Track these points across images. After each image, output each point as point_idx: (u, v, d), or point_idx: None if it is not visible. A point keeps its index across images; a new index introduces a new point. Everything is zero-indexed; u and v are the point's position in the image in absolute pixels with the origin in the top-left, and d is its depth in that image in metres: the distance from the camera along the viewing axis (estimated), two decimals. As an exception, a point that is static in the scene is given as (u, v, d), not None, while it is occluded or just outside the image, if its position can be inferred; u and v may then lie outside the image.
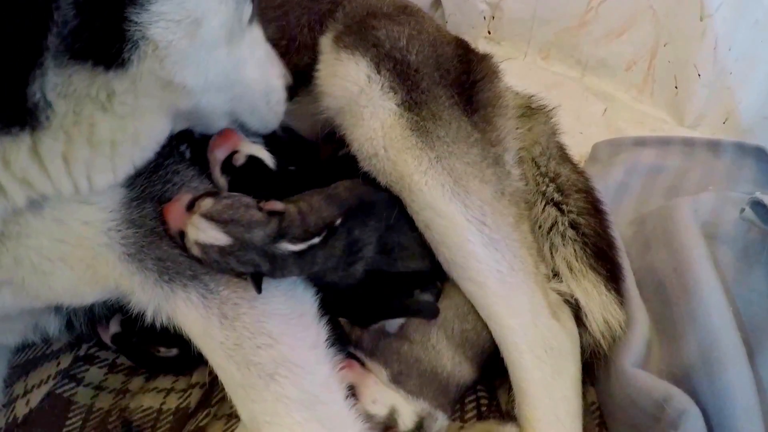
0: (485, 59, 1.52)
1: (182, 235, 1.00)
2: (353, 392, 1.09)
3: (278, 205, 1.04)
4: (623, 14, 2.09)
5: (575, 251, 1.32)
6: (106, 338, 1.28)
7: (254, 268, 1.00)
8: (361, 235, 1.15)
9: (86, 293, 1.06)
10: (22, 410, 1.26)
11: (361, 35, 1.34)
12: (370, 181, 1.27)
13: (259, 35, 1.16)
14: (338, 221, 1.08)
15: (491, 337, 1.21)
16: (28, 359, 1.34)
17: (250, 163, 1.17)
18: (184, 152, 1.19)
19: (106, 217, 1.00)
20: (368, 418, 1.07)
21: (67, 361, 1.34)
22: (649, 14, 2.03)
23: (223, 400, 1.23)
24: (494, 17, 2.40)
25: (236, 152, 1.18)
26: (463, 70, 1.41)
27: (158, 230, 1.03)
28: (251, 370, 1.00)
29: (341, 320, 1.19)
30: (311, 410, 0.99)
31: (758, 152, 1.70)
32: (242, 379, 1.00)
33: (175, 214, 1.01)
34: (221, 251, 0.98)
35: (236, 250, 0.98)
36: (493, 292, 1.19)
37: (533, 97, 1.60)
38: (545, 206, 1.39)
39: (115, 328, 1.26)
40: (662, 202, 1.57)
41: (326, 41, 1.40)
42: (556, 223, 1.37)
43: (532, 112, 1.56)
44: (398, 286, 1.25)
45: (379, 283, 1.21)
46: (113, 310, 1.31)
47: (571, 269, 1.30)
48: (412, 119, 1.25)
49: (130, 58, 0.83)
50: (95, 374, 1.33)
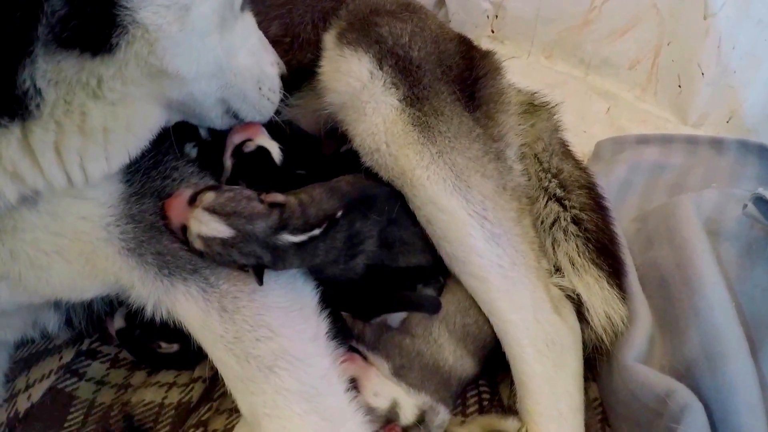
0: (488, 56, 1.54)
1: (184, 229, 1.02)
2: (355, 385, 1.10)
3: (279, 196, 1.07)
4: (627, 13, 2.11)
5: (577, 246, 1.34)
6: (111, 330, 1.30)
7: (256, 260, 1.02)
8: (362, 228, 1.17)
9: (85, 288, 1.07)
10: (23, 405, 1.28)
11: (364, 32, 1.36)
12: (372, 176, 1.29)
13: (251, 22, 1.17)
14: (339, 213, 1.10)
15: (493, 331, 1.23)
16: (30, 353, 1.37)
17: (258, 152, 1.21)
18: (189, 152, 1.22)
19: (104, 212, 1.02)
20: (370, 410, 1.08)
21: (69, 355, 1.36)
22: (652, 13, 2.05)
23: (225, 394, 1.23)
24: (497, 16, 2.42)
25: (250, 140, 1.22)
26: (465, 66, 1.43)
27: (158, 225, 1.05)
28: (251, 362, 1.01)
29: (343, 314, 1.21)
30: (311, 402, 1.01)
31: (761, 150, 1.71)
32: (242, 371, 1.01)
33: (176, 208, 1.04)
34: (224, 243, 1.00)
35: (239, 242, 1.00)
36: (494, 287, 1.20)
37: (536, 94, 1.63)
38: (547, 202, 1.41)
39: (119, 323, 1.29)
40: (665, 199, 1.58)
41: (329, 38, 1.42)
42: (558, 218, 1.38)
43: (534, 108, 1.58)
44: (400, 280, 1.27)
45: (380, 277, 1.23)
46: (113, 306, 1.33)
47: (573, 264, 1.32)
48: (414, 115, 1.27)
49: (118, 43, 0.85)
50: (97, 369, 1.35)
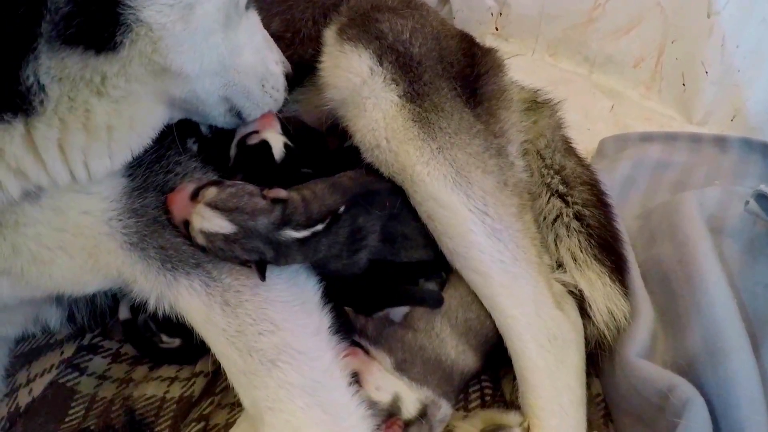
0: (490, 53, 1.57)
1: (186, 224, 1.04)
2: (357, 379, 1.12)
3: (282, 192, 1.09)
4: (631, 11, 2.14)
5: (579, 242, 1.36)
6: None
7: (259, 255, 1.04)
8: (365, 223, 1.19)
9: (88, 282, 1.10)
10: (24, 399, 1.30)
11: (364, 28, 1.38)
12: (373, 172, 1.31)
13: (256, 21, 1.20)
14: (342, 209, 1.12)
15: (495, 326, 1.25)
16: (31, 348, 1.39)
17: (259, 147, 1.24)
18: (191, 147, 1.25)
19: (106, 206, 1.05)
20: (372, 404, 1.10)
21: (70, 350, 1.39)
22: (656, 11, 2.08)
23: (227, 389, 1.26)
24: (501, 14, 2.45)
25: (256, 132, 1.25)
26: (467, 63, 1.46)
27: (161, 219, 1.07)
28: (253, 356, 1.03)
29: (346, 309, 1.22)
30: (313, 396, 1.02)
31: (764, 148, 1.75)
32: (244, 365, 1.03)
33: (179, 203, 1.06)
34: (226, 239, 1.02)
35: (241, 238, 1.02)
36: (496, 282, 1.22)
37: (539, 91, 1.66)
38: (550, 198, 1.44)
39: (124, 314, 1.31)
40: (668, 197, 1.60)
41: (330, 33, 1.44)
42: (560, 214, 1.41)
43: (537, 105, 1.61)
44: (402, 275, 1.30)
45: (383, 272, 1.25)
46: (116, 302, 1.36)
47: (575, 260, 1.34)
48: (414, 110, 1.29)
49: (122, 41, 0.88)
50: (99, 364, 1.38)
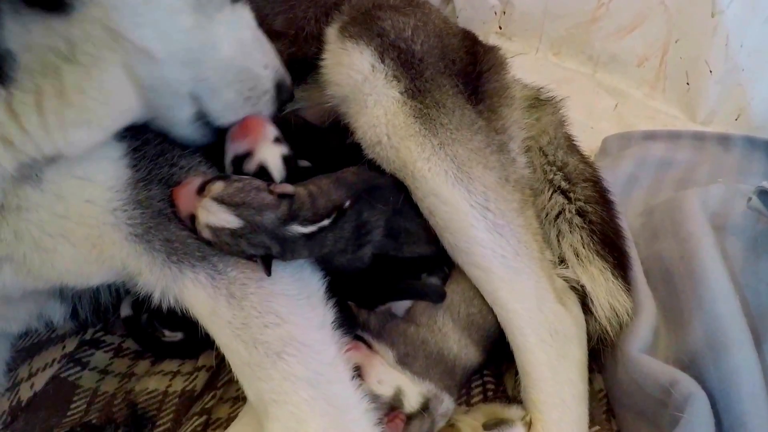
0: (492, 51, 1.61)
1: (192, 218, 1.06)
2: (359, 373, 1.14)
3: (288, 188, 1.11)
4: (634, 10, 2.18)
5: (582, 238, 1.39)
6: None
7: (265, 250, 1.06)
8: (369, 218, 1.22)
9: (91, 273, 1.11)
10: (26, 394, 1.33)
11: (366, 25, 1.41)
12: (375, 168, 1.33)
13: (244, 17, 1.19)
14: (347, 204, 1.14)
15: (497, 321, 1.27)
16: (33, 343, 1.42)
17: (258, 174, 1.18)
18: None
19: (111, 196, 1.07)
20: (374, 398, 1.11)
21: (72, 345, 1.42)
22: (660, 10, 2.12)
23: (229, 383, 1.30)
24: (505, 13, 2.49)
25: (250, 154, 1.18)
26: (469, 61, 1.49)
27: (166, 212, 1.09)
28: (258, 348, 1.05)
29: (349, 303, 1.25)
30: (318, 389, 1.04)
31: (768, 146, 1.79)
32: (249, 357, 1.05)
33: (185, 197, 1.08)
34: (232, 234, 1.04)
35: (247, 232, 1.04)
36: (497, 276, 1.25)
37: (541, 89, 1.69)
38: (552, 194, 1.47)
39: (126, 311, 1.34)
40: (672, 194, 1.62)
41: (332, 31, 1.47)
42: (563, 210, 1.44)
43: (540, 103, 1.64)
44: (405, 270, 1.33)
45: (386, 267, 1.28)
46: (120, 298, 1.39)
47: (577, 255, 1.37)
48: (415, 107, 1.31)
49: (72, 3, 0.89)
50: (101, 358, 1.40)
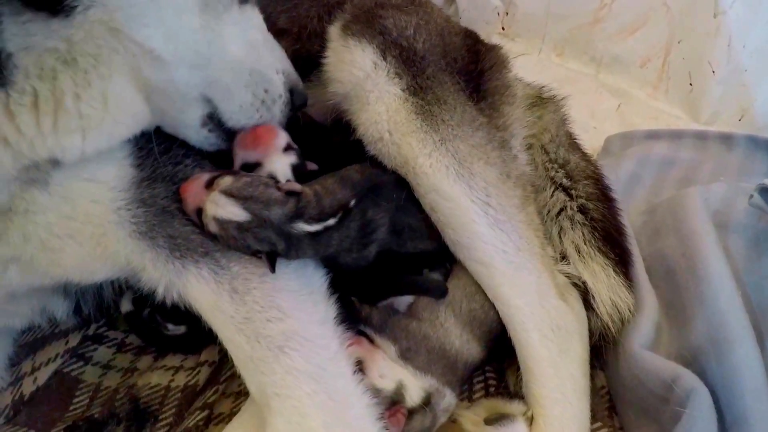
0: (494, 49, 1.64)
1: (199, 212, 1.09)
2: (361, 367, 1.16)
3: (296, 185, 1.14)
4: (637, 11, 2.21)
5: (583, 234, 1.41)
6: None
7: (270, 246, 1.09)
8: (374, 216, 1.24)
9: (97, 270, 1.14)
10: (29, 388, 1.36)
11: (368, 23, 1.45)
12: (377, 165, 1.36)
13: (254, 18, 1.21)
14: (352, 202, 1.18)
15: (498, 316, 1.29)
16: (36, 338, 1.45)
17: None
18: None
19: (115, 196, 1.10)
20: (375, 392, 1.13)
21: (75, 340, 1.44)
22: (662, 11, 2.15)
23: (231, 378, 1.32)
24: (508, 13, 2.52)
25: (259, 165, 1.20)
26: (471, 59, 1.52)
27: (170, 209, 1.12)
28: (261, 342, 1.07)
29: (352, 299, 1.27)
30: (320, 383, 1.06)
31: (771, 145, 1.81)
32: (252, 351, 1.07)
33: (193, 191, 1.11)
34: (239, 227, 1.07)
35: (254, 226, 1.07)
36: (499, 272, 1.27)
37: (543, 87, 1.72)
38: (554, 191, 1.49)
39: (127, 306, 1.36)
40: (674, 193, 1.65)
41: (334, 30, 1.51)
42: (564, 207, 1.46)
43: (542, 101, 1.67)
44: (407, 265, 1.35)
45: (388, 262, 1.30)
46: (122, 293, 1.41)
47: (579, 252, 1.39)
48: (417, 103, 1.34)
49: (73, 5, 0.91)
50: (103, 353, 1.43)
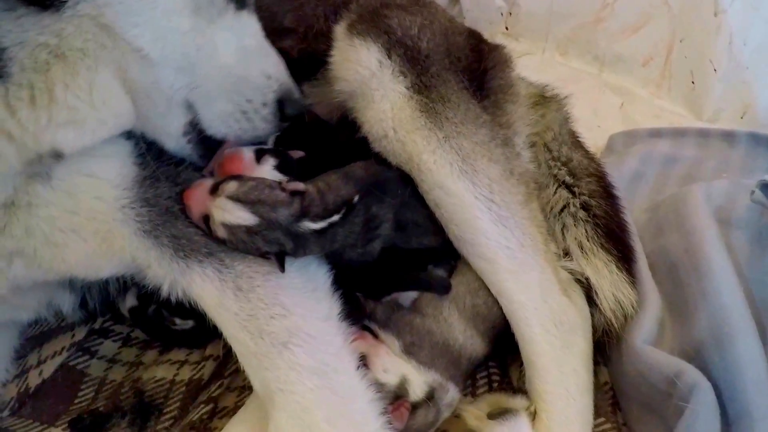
0: (497, 49, 1.67)
1: (206, 218, 1.12)
2: (365, 362, 1.18)
3: (300, 185, 1.17)
4: (639, 10, 2.24)
5: (586, 231, 1.44)
6: (123, 309, 1.40)
7: (279, 247, 1.12)
8: (378, 211, 1.27)
9: (101, 266, 1.17)
10: (34, 381, 1.39)
11: (373, 23, 1.48)
12: (382, 162, 1.39)
13: (252, 27, 1.24)
14: (356, 198, 1.20)
15: (502, 312, 1.32)
16: (42, 332, 1.48)
17: None
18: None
19: (119, 194, 1.13)
20: (379, 386, 1.16)
21: (81, 333, 1.48)
22: (664, 10, 2.18)
23: (236, 372, 1.34)
24: (511, 13, 2.56)
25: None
26: (474, 58, 1.55)
27: (173, 210, 1.15)
28: (265, 339, 1.10)
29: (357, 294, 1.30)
30: (323, 378, 1.09)
31: (773, 142, 1.84)
32: (255, 347, 1.10)
33: (197, 198, 1.13)
34: (249, 231, 1.09)
35: (263, 229, 1.10)
36: (502, 267, 1.30)
37: (547, 86, 1.75)
38: (557, 189, 1.52)
39: (131, 301, 1.39)
40: (677, 190, 1.67)
41: (340, 29, 1.54)
42: (567, 204, 1.49)
43: (545, 100, 1.70)
44: (412, 261, 1.38)
45: (393, 258, 1.33)
46: (128, 289, 1.43)
47: (581, 248, 1.42)
48: (421, 101, 1.37)
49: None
50: (109, 347, 1.46)
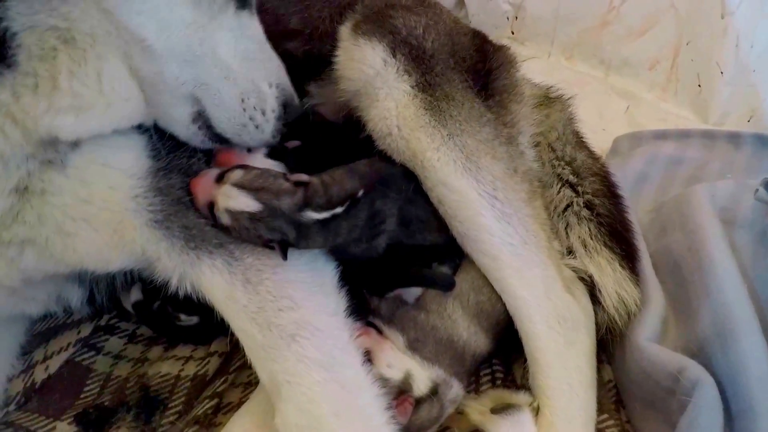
0: (501, 49, 1.71)
1: (211, 206, 1.15)
2: (369, 357, 1.21)
3: (304, 176, 1.20)
4: (645, 13, 2.27)
5: (590, 230, 1.46)
6: (126, 304, 1.43)
7: (281, 235, 1.15)
8: (382, 206, 1.30)
9: (112, 258, 1.19)
10: (40, 376, 1.42)
11: (378, 23, 1.52)
12: (386, 159, 1.42)
13: (253, 30, 1.26)
14: (360, 192, 1.23)
15: (506, 309, 1.34)
16: (48, 327, 1.51)
17: None
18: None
19: (133, 183, 1.16)
20: (383, 382, 1.18)
21: (87, 330, 1.51)
22: (671, 13, 2.21)
23: (241, 368, 1.37)
24: (517, 18, 2.60)
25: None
26: (479, 58, 1.59)
27: (185, 200, 1.18)
28: (273, 331, 1.12)
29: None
30: (330, 372, 1.11)
31: (778, 143, 1.85)
32: (264, 340, 1.12)
33: (203, 185, 1.17)
34: (252, 218, 1.13)
35: (266, 216, 1.13)
36: (505, 264, 1.33)
37: (551, 87, 1.78)
38: (561, 188, 1.55)
39: (136, 295, 1.42)
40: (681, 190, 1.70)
41: (345, 30, 1.58)
42: (571, 203, 1.52)
43: (549, 101, 1.73)
44: (416, 258, 1.40)
45: (398, 255, 1.36)
46: (133, 283, 1.47)
47: (585, 246, 1.44)
48: (425, 99, 1.41)
49: None
50: (115, 344, 1.49)
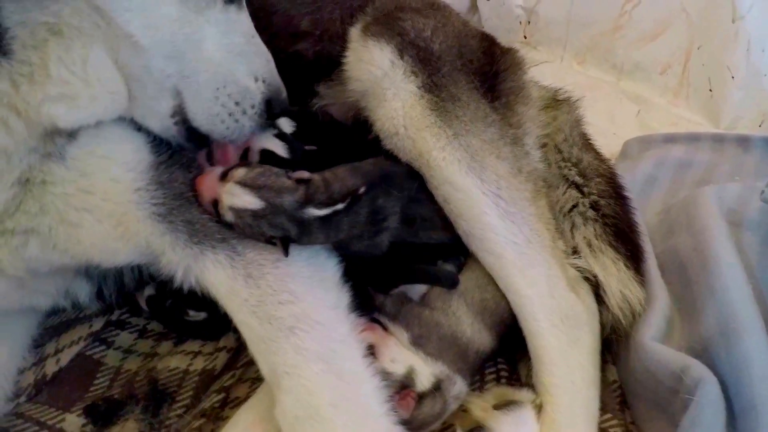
0: (509, 52, 1.74)
1: (215, 204, 1.20)
2: (373, 352, 1.24)
3: (305, 174, 1.25)
4: (656, 18, 2.30)
5: (595, 230, 1.49)
6: (141, 301, 1.48)
7: (283, 232, 1.19)
8: (385, 203, 1.33)
9: (117, 250, 1.23)
10: (51, 368, 1.47)
11: (387, 25, 1.57)
12: (392, 159, 1.46)
13: (241, 24, 1.29)
14: (362, 190, 1.27)
15: (510, 307, 1.37)
16: (61, 322, 1.57)
17: (263, 158, 1.37)
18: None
19: (135, 176, 1.20)
20: (386, 376, 1.21)
21: (98, 324, 1.55)
22: (682, 17, 2.23)
23: (248, 364, 1.40)
24: (530, 22, 2.64)
25: (248, 149, 1.36)
26: (486, 61, 1.63)
27: (187, 195, 1.22)
28: (272, 323, 1.16)
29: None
30: (329, 364, 1.14)
31: (788, 147, 1.87)
32: (264, 332, 1.16)
33: (207, 184, 1.22)
34: (254, 215, 1.17)
35: (268, 213, 1.18)
36: (510, 262, 1.35)
37: (559, 90, 1.81)
38: (567, 189, 1.57)
39: (150, 290, 1.47)
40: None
41: (355, 31, 1.63)
42: (577, 204, 1.54)
43: (557, 103, 1.76)
44: (421, 256, 1.43)
45: (403, 252, 1.39)
46: (142, 280, 1.51)
47: (590, 246, 1.47)
48: (432, 100, 1.45)
49: None
50: (125, 338, 1.54)
